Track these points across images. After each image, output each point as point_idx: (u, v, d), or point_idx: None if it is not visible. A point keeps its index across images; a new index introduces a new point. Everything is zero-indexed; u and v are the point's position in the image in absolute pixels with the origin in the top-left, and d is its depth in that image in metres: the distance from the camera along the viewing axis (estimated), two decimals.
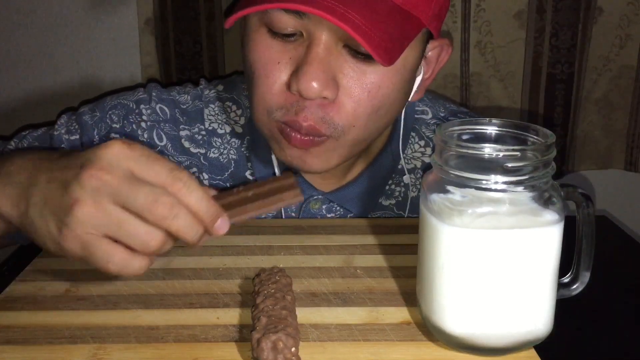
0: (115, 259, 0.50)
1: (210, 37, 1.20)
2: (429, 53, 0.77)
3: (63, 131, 0.83)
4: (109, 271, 0.50)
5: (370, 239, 0.71)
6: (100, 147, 0.50)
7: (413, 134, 0.87)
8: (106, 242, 0.50)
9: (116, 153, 0.50)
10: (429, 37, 0.75)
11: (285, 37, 0.68)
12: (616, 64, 1.26)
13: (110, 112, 0.84)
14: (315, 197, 0.83)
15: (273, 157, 0.80)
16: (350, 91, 0.68)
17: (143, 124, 0.83)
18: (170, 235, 0.50)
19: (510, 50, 1.23)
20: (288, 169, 0.75)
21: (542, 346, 0.51)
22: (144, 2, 1.19)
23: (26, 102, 1.27)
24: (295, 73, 0.67)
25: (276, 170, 0.81)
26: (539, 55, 1.22)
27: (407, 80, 0.73)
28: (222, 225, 0.53)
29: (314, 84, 0.65)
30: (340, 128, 0.69)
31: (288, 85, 0.68)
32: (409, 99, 0.77)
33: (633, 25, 1.23)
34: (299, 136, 0.69)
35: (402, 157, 0.85)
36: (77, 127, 0.83)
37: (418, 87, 0.78)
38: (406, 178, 0.86)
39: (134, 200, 0.49)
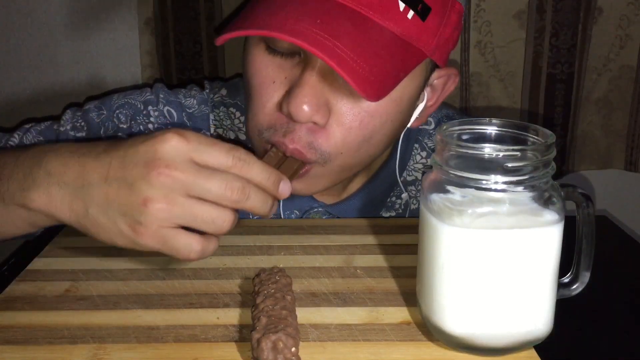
0: (195, 247, 0.53)
1: (210, 37, 1.20)
2: (435, 81, 0.75)
3: (69, 127, 0.83)
4: (189, 260, 0.54)
5: (370, 239, 0.71)
6: (158, 142, 0.52)
7: (416, 145, 0.86)
8: (183, 234, 0.53)
9: (175, 146, 0.52)
10: (434, 66, 0.73)
11: (283, 54, 0.67)
12: (616, 64, 1.26)
13: (117, 112, 0.83)
14: (316, 209, 0.82)
15: None
16: (341, 119, 0.67)
17: (150, 126, 0.83)
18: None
19: (510, 50, 1.23)
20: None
21: (542, 346, 0.51)
22: (144, 2, 1.19)
23: (26, 103, 1.27)
24: (288, 95, 0.66)
25: None
26: (539, 55, 1.22)
27: (405, 111, 0.71)
28: (285, 188, 0.57)
29: (305, 108, 0.64)
30: (327, 155, 0.68)
31: (280, 106, 0.67)
32: (409, 125, 0.76)
33: (633, 26, 1.23)
34: None
35: (398, 178, 0.83)
36: (83, 124, 0.83)
37: (420, 114, 0.76)
38: (404, 196, 0.85)
39: (208, 192, 0.52)
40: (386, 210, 0.85)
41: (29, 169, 0.58)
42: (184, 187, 0.52)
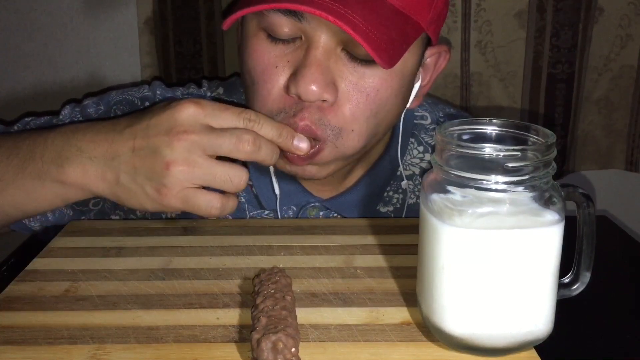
0: (216, 204, 0.59)
1: (210, 37, 1.20)
2: (427, 59, 0.76)
3: (67, 122, 0.83)
4: (211, 216, 0.60)
5: (370, 239, 0.71)
6: (176, 111, 0.58)
7: (412, 139, 0.86)
8: (203, 192, 0.59)
9: (192, 113, 0.58)
10: (428, 42, 0.74)
11: (283, 41, 0.67)
12: (617, 63, 1.26)
13: (114, 107, 0.84)
14: (313, 204, 0.82)
15: (272, 176, 0.79)
16: (349, 95, 0.68)
17: None
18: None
19: (511, 50, 1.23)
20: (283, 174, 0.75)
21: (542, 346, 0.51)
22: (143, 2, 1.19)
23: (26, 103, 1.27)
24: (294, 76, 0.66)
25: (273, 179, 0.80)
26: (539, 55, 1.22)
27: (406, 86, 0.72)
28: (301, 144, 0.63)
29: (313, 87, 0.64)
30: (337, 130, 0.68)
31: (286, 88, 0.67)
32: (407, 106, 0.77)
33: (634, 25, 1.24)
34: (296, 155, 0.69)
35: (400, 163, 0.84)
36: (81, 119, 0.84)
37: (416, 94, 0.77)
38: (404, 184, 0.85)
39: (221, 147, 0.58)
40: (383, 205, 0.85)
41: (60, 148, 0.64)
42: (201, 148, 0.57)
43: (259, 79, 0.69)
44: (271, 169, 0.79)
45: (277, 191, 0.80)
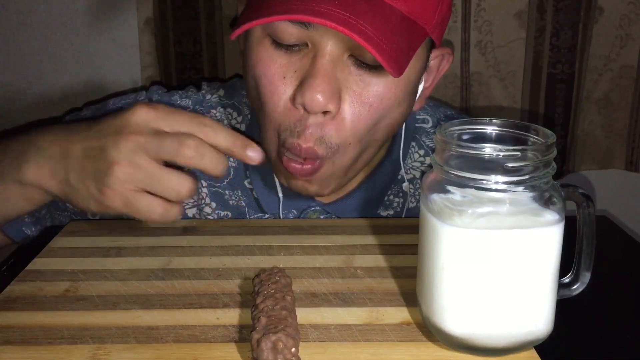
0: (156, 209, 0.58)
1: (210, 37, 1.20)
2: (431, 62, 0.76)
3: None
4: (152, 221, 0.58)
5: (370, 239, 0.71)
6: (128, 113, 0.58)
7: (413, 143, 0.86)
8: (145, 196, 0.57)
9: (143, 116, 0.57)
10: (432, 46, 0.74)
11: (289, 47, 0.67)
12: (617, 63, 1.26)
13: None
14: (313, 208, 0.82)
15: (276, 179, 0.80)
16: (351, 105, 0.67)
17: None
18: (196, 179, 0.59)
19: (511, 50, 1.23)
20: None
21: (542, 346, 0.51)
22: (144, 2, 1.19)
23: (26, 102, 1.27)
24: (300, 86, 0.66)
25: (276, 182, 0.80)
26: (539, 55, 1.22)
27: (410, 92, 0.72)
28: (254, 154, 0.60)
29: (319, 97, 0.64)
30: (336, 147, 0.68)
31: (293, 100, 0.67)
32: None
33: (634, 25, 1.23)
34: (298, 166, 0.69)
35: (402, 166, 0.84)
36: None
37: (419, 97, 0.77)
38: (405, 186, 0.85)
39: (162, 149, 0.56)
40: (384, 209, 0.85)
41: (23, 148, 0.64)
42: (144, 150, 0.56)
43: (266, 90, 0.68)
44: (277, 183, 0.79)
45: (280, 194, 0.80)
